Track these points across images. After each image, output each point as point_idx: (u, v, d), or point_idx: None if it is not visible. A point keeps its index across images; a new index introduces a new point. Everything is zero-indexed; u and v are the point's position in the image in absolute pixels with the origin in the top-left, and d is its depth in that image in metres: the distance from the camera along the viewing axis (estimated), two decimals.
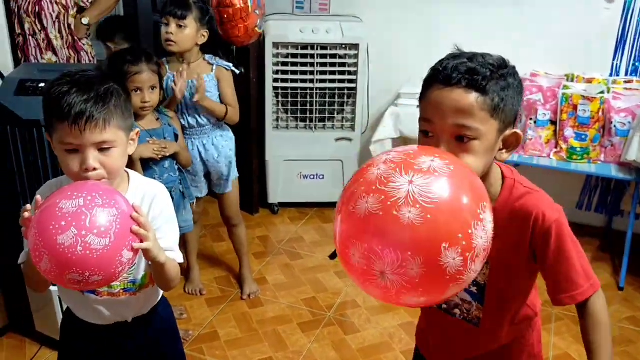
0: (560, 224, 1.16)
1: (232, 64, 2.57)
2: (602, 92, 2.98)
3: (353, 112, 3.50)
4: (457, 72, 1.07)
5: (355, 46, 3.34)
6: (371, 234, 0.94)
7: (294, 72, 3.38)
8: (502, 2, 3.30)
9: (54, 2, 2.81)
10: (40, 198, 1.16)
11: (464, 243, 0.92)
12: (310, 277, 3.00)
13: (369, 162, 1.02)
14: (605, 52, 3.20)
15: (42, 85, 2.13)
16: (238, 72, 2.66)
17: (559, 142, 3.04)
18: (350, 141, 3.55)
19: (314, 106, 3.46)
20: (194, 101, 2.39)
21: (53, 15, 2.81)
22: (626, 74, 3.19)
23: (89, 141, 1.21)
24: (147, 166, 2.21)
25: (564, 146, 3.02)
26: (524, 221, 1.17)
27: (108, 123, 1.22)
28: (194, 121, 2.51)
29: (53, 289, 2.19)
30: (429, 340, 1.46)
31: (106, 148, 1.23)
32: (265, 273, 3.04)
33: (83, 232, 1.07)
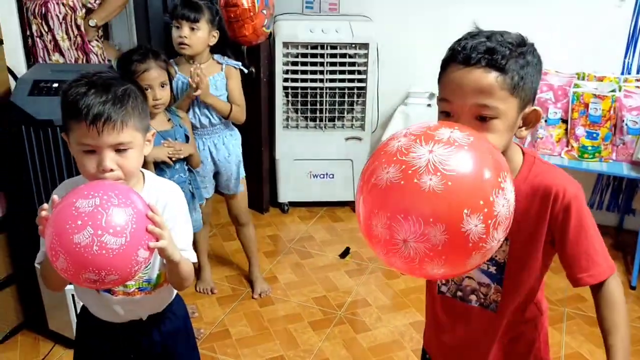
0: (579, 200, 1.16)
1: (242, 64, 2.58)
2: (614, 91, 2.96)
3: (363, 112, 3.50)
4: (477, 52, 1.07)
5: (365, 45, 3.34)
6: (393, 203, 0.94)
7: (304, 72, 3.38)
8: (512, 1, 3.29)
9: (61, 3, 2.81)
10: (57, 198, 1.17)
11: (486, 210, 0.93)
12: (320, 276, 3.01)
13: (389, 137, 1.02)
14: (616, 50, 3.19)
15: (56, 85, 2.15)
16: (247, 72, 2.67)
17: (570, 141, 3.03)
18: (360, 140, 3.56)
19: (324, 105, 3.47)
20: (195, 94, 2.39)
21: (59, 16, 2.82)
22: (638, 72, 3.18)
23: (106, 142, 1.22)
24: (158, 167, 2.23)
25: (575, 145, 3.01)
26: (544, 196, 1.17)
27: (125, 124, 1.23)
28: (207, 120, 2.52)
29: (68, 288, 2.21)
30: (440, 342, 1.44)
31: (123, 149, 1.24)
32: (275, 272, 3.05)
33: (99, 232, 1.08)
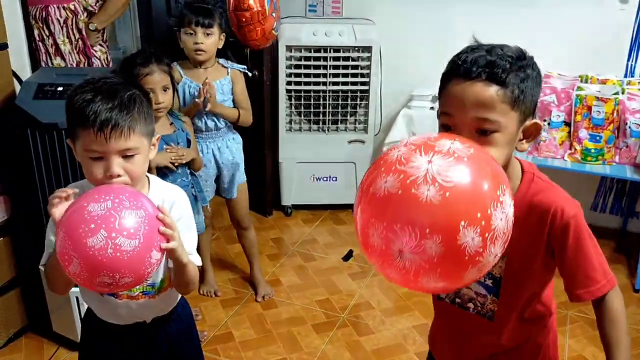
0: (578, 220, 1.16)
1: (246, 67, 2.59)
2: (617, 93, 2.96)
3: (366, 114, 3.51)
4: (477, 66, 1.08)
5: (367, 48, 3.35)
6: (389, 213, 0.94)
7: (307, 75, 3.39)
8: (515, 3, 3.30)
9: (61, 7, 2.82)
10: (77, 190, 1.18)
11: (483, 223, 0.92)
12: (323, 279, 3.01)
13: (390, 147, 1.02)
14: (619, 53, 3.19)
15: (60, 89, 2.16)
16: (251, 75, 2.68)
17: (573, 144, 3.03)
18: (363, 143, 3.56)
19: (327, 108, 3.48)
20: (207, 110, 2.42)
21: (60, 20, 2.82)
22: None
23: (114, 149, 1.22)
24: (160, 172, 2.23)
25: (578, 147, 3.01)
26: (542, 215, 1.17)
27: (132, 130, 1.23)
28: (213, 124, 2.53)
29: (72, 290, 2.22)
30: (442, 342, 1.45)
31: (130, 155, 1.25)
32: (279, 275, 3.05)
33: (113, 234, 1.07)
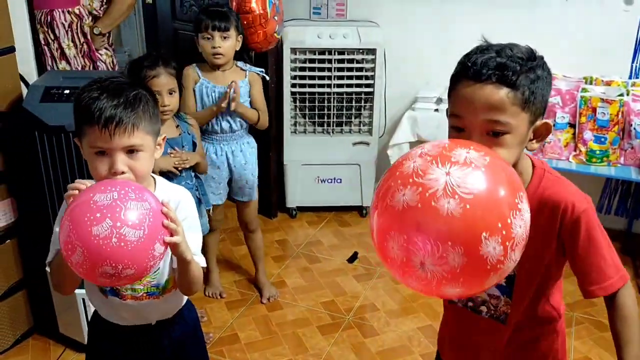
0: (589, 214, 1.16)
1: (264, 70, 2.61)
2: (621, 95, 2.96)
3: (370, 117, 3.51)
4: (487, 68, 1.07)
5: (372, 51, 3.36)
6: (410, 226, 0.94)
7: (312, 77, 3.40)
8: (520, 5, 3.30)
9: (66, 12, 2.83)
10: (88, 183, 1.19)
11: (504, 232, 0.93)
12: (328, 281, 3.02)
13: (403, 157, 1.02)
14: (624, 55, 3.19)
15: (67, 92, 2.17)
16: (268, 78, 2.71)
17: (578, 145, 3.03)
18: (367, 145, 3.56)
19: (332, 110, 3.49)
20: (232, 110, 2.44)
21: (65, 24, 2.84)
22: None
23: (118, 145, 1.24)
24: (164, 176, 2.24)
25: (583, 149, 3.01)
26: (553, 210, 1.17)
27: (136, 127, 1.25)
28: (227, 126, 2.54)
29: (78, 292, 2.23)
30: (451, 350, 1.45)
31: (134, 151, 1.27)
32: (284, 276, 3.06)
33: (118, 224, 1.08)
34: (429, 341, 2.54)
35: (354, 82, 3.42)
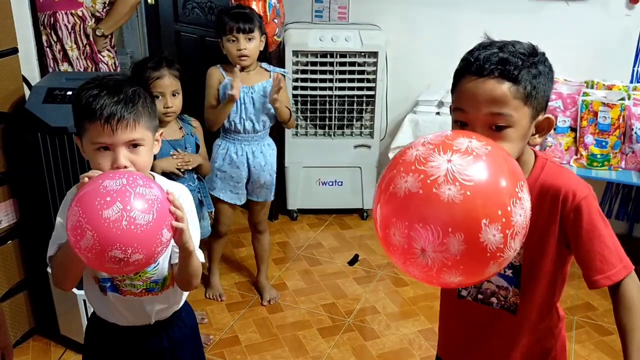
0: (590, 201, 1.17)
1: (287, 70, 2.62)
2: (623, 99, 2.96)
3: (372, 119, 3.52)
4: (490, 63, 1.09)
5: (374, 54, 3.37)
6: (412, 212, 0.95)
7: (314, 80, 3.41)
8: (521, 9, 3.31)
9: (69, 13, 2.84)
10: (95, 173, 1.21)
11: (504, 220, 0.94)
12: (329, 283, 3.02)
13: (407, 146, 1.04)
14: (625, 59, 3.19)
15: (70, 93, 2.18)
16: (291, 79, 2.71)
17: (579, 149, 3.03)
18: (368, 148, 3.57)
19: (333, 113, 3.49)
20: (273, 96, 2.43)
21: (68, 26, 2.85)
22: None
23: (121, 140, 1.27)
24: (166, 175, 2.25)
25: (584, 153, 3.01)
26: (554, 198, 1.18)
27: (137, 122, 1.29)
28: (251, 126, 2.55)
29: (78, 293, 2.24)
30: (457, 350, 1.44)
31: (135, 146, 1.30)
32: (284, 279, 3.06)
33: (128, 207, 1.09)
34: (430, 344, 2.54)
35: (356, 85, 3.43)
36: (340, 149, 3.56)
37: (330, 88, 3.42)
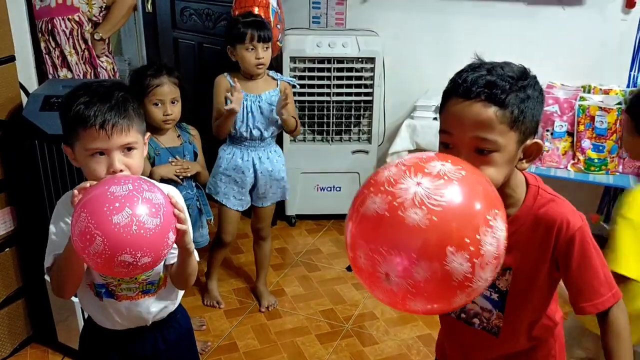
0: (583, 232, 1.17)
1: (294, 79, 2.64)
2: (620, 103, 2.97)
3: (369, 125, 3.52)
4: (476, 86, 1.08)
5: (371, 60, 3.37)
6: (376, 235, 0.92)
7: (311, 86, 3.41)
8: (518, 14, 3.32)
9: (66, 19, 2.85)
10: (88, 185, 1.22)
11: (472, 248, 0.90)
12: (327, 289, 3.01)
13: (383, 166, 1.02)
14: (622, 63, 3.20)
15: None
16: (298, 87, 2.73)
17: (576, 154, 3.04)
18: (366, 153, 3.57)
19: (331, 119, 3.50)
20: (280, 109, 2.43)
21: (66, 31, 2.85)
22: None
23: (116, 144, 1.29)
24: (164, 182, 2.24)
25: (582, 157, 3.02)
26: (548, 228, 1.17)
27: (131, 126, 1.32)
28: (258, 134, 2.54)
29: (76, 300, 2.23)
30: (448, 353, 1.46)
31: (129, 149, 1.32)
32: (283, 284, 3.06)
33: (137, 212, 1.11)
34: (428, 350, 2.54)
35: (353, 91, 3.43)
36: (338, 155, 3.56)
37: (327, 94, 3.43)
